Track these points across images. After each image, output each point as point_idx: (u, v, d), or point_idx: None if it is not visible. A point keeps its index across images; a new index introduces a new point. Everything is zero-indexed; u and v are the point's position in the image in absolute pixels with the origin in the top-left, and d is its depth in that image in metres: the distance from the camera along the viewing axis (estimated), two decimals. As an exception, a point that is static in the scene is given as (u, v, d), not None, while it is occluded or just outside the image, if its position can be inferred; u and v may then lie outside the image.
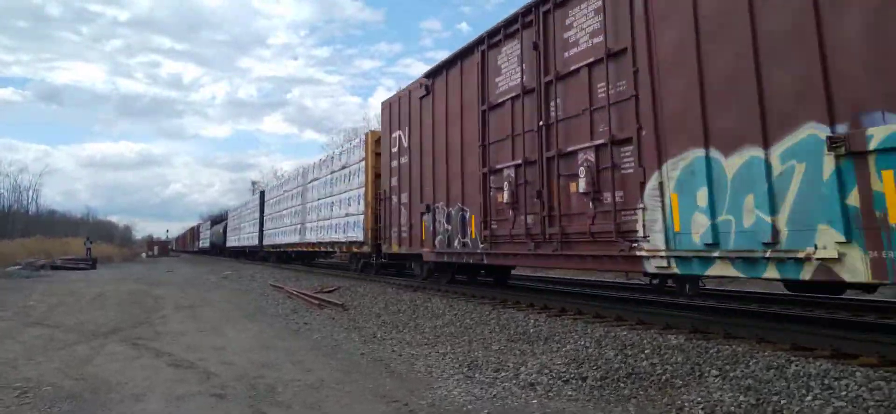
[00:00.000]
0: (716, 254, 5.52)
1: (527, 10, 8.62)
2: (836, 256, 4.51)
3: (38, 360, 6.47)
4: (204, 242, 63.87)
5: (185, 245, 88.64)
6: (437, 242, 11.07)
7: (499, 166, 9.06)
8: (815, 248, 4.66)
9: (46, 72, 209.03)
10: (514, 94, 8.78)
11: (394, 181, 13.11)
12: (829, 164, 4.55)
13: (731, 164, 5.41)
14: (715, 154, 5.58)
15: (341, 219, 17.31)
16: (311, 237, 20.55)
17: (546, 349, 6.17)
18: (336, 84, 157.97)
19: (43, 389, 5.20)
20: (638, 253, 6.40)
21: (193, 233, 78.86)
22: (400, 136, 12.85)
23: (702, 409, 4.14)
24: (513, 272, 13.88)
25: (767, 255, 5.03)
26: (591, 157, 7.18)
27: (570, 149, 7.56)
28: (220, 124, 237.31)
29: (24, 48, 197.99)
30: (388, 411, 4.51)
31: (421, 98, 11.78)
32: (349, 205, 16.62)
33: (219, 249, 52.68)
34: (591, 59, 7.23)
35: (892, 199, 4.17)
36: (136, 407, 4.70)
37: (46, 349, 7.09)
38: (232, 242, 43.90)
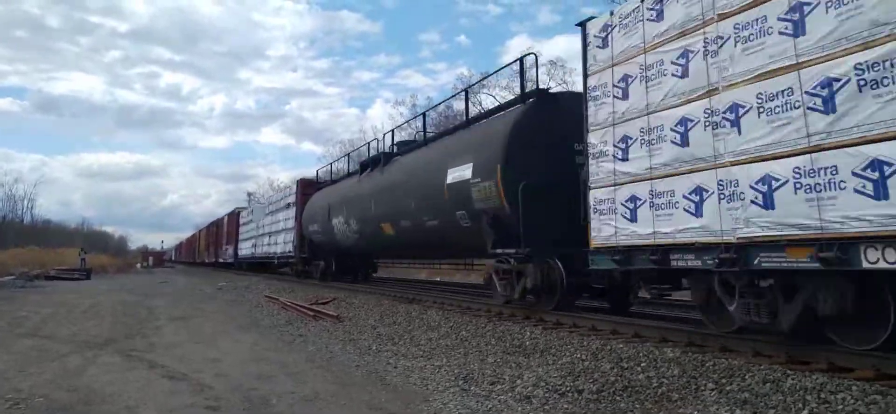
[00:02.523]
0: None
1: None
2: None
3: (31, 371, 6.41)
4: (268, 245, 27.19)
5: (195, 254, 60.06)
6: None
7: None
8: None
9: (44, 82, 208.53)
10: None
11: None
12: None
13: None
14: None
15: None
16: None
17: (542, 362, 6.15)
18: (335, 96, 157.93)
19: (35, 400, 5.15)
20: None
21: (215, 234, 46.23)
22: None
23: (698, 422, 4.13)
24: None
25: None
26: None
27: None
28: (217, 135, 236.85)
29: (22, 58, 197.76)
30: (383, 424, 4.48)
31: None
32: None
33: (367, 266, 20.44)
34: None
35: None
36: (128, 419, 4.66)
37: (39, 360, 7.04)
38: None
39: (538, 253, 8.55)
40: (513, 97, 12.31)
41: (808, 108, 4.80)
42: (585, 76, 7.55)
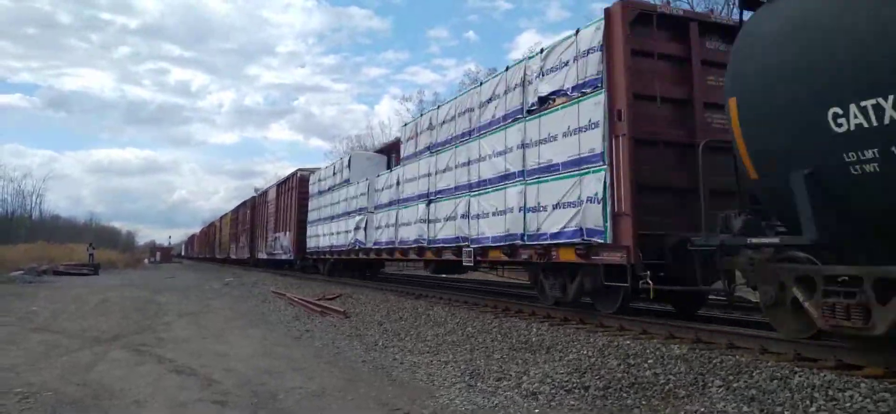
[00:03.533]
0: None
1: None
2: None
3: (41, 366, 6.47)
4: (421, 222, 11.81)
5: (214, 249, 49.60)
6: None
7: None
8: None
9: (55, 79, 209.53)
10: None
11: None
12: None
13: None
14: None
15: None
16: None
17: (548, 358, 6.16)
18: (343, 92, 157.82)
19: (45, 394, 5.20)
20: None
21: (249, 219, 33.40)
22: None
23: (705, 419, 4.12)
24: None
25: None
26: None
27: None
28: (226, 131, 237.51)
29: (33, 55, 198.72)
30: (390, 420, 4.49)
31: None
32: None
33: None
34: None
35: None
36: (138, 413, 4.70)
37: (49, 355, 7.10)
38: None
39: None
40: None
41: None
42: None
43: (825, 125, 4.56)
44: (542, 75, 8.58)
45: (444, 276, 16.43)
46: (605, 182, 7.15)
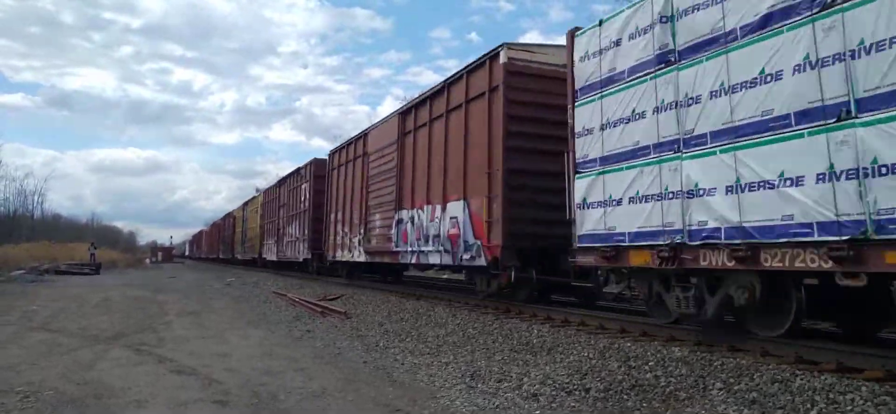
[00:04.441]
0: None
1: None
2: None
3: (41, 365, 6.48)
4: None
5: (230, 244, 40.41)
6: None
7: None
8: None
9: (57, 78, 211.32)
10: None
11: None
12: None
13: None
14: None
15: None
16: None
17: (549, 360, 6.15)
18: (345, 92, 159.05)
19: (45, 393, 5.21)
20: None
21: (310, 194, 20.52)
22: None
23: (706, 422, 4.11)
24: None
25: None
26: None
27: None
28: (228, 131, 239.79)
29: (35, 54, 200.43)
30: (390, 420, 4.49)
31: None
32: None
33: None
34: None
35: None
36: (138, 413, 4.70)
37: (49, 354, 7.11)
38: None
39: None
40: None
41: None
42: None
43: None
44: None
45: None
46: None
